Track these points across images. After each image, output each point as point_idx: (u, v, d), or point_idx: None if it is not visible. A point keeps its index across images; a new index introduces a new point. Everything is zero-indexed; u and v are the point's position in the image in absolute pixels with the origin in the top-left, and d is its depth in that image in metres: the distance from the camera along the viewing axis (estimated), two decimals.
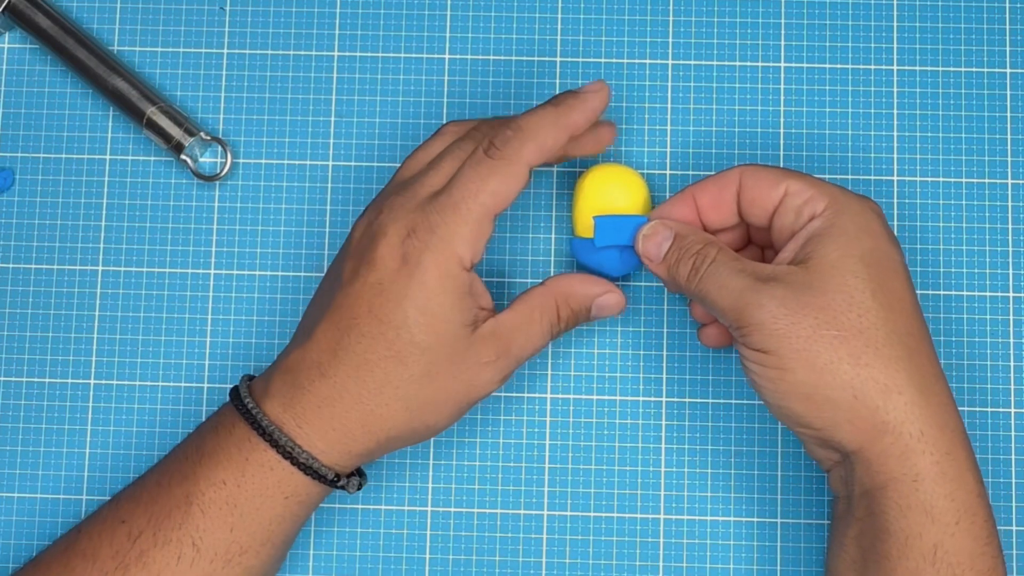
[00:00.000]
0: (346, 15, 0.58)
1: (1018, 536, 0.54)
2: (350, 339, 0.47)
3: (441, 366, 0.48)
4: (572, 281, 0.51)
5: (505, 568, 0.55)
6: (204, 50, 0.58)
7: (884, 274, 0.47)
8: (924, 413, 0.45)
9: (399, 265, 0.47)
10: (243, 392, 0.49)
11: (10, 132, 0.58)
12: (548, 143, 0.48)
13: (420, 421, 0.48)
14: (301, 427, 0.48)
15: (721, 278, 0.47)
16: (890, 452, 0.45)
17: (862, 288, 0.46)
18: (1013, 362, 0.55)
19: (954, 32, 0.57)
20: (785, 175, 0.49)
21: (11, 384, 0.56)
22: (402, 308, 0.47)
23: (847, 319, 0.45)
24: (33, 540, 0.55)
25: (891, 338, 0.46)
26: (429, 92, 0.58)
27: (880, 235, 0.47)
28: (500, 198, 0.47)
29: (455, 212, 0.47)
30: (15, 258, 0.57)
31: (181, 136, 0.56)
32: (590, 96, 0.49)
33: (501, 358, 0.49)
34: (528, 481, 0.55)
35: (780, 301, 0.46)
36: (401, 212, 0.48)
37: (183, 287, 0.57)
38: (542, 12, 0.58)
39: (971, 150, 0.57)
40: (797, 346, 0.45)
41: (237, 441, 0.48)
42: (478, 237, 0.47)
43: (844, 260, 0.46)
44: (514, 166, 0.48)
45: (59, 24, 0.56)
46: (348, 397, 0.47)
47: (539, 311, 0.50)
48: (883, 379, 0.45)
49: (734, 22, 0.58)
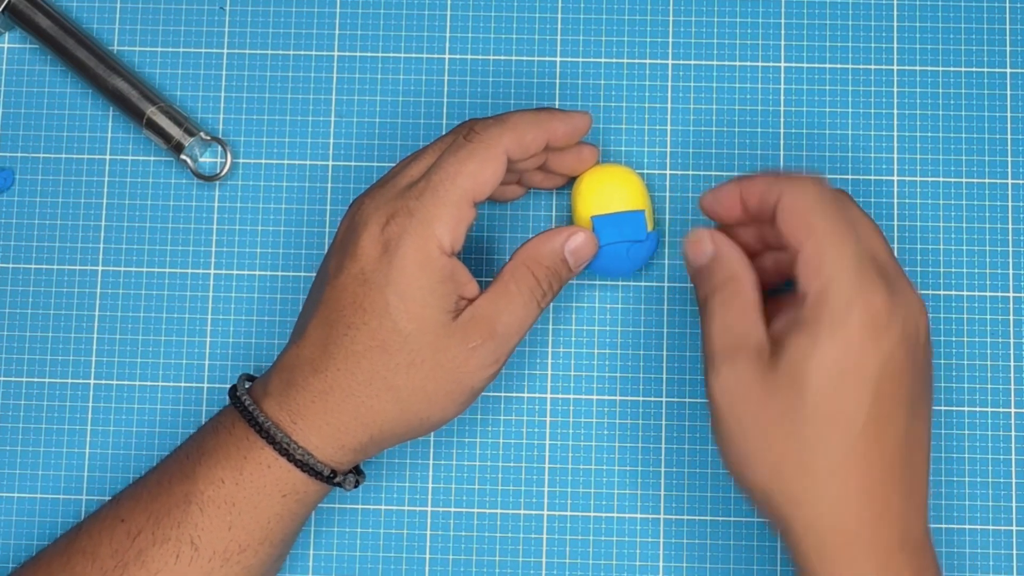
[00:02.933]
0: (346, 15, 0.58)
1: (1018, 536, 0.54)
2: (337, 332, 0.47)
3: (424, 354, 0.47)
4: (535, 242, 0.50)
5: (505, 568, 0.55)
6: (204, 50, 0.58)
7: (844, 393, 0.44)
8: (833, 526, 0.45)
9: (380, 253, 0.47)
10: (240, 390, 0.49)
11: (10, 132, 0.58)
12: (527, 137, 0.48)
13: (412, 413, 0.48)
14: (296, 423, 0.48)
15: (725, 318, 0.47)
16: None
17: (811, 402, 0.44)
18: (1013, 362, 0.55)
19: (954, 32, 0.57)
20: (812, 228, 0.45)
21: (11, 384, 0.56)
22: (383, 296, 0.47)
23: (789, 423, 0.45)
24: (33, 540, 0.55)
25: (829, 454, 0.45)
26: (429, 92, 0.58)
27: (864, 348, 0.44)
28: (479, 181, 0.47)
29: (433, 195, 0.47)
30: (15, 258, 0.57)
31: (181, 136, 0.56)
32: (575, 115, 0.50)
33: (488, 340, 0.48)
34: (528, 481, 0.55)
35: (740, 381, 0.46)
36: (381, 201, 0.48)
37: (183, 287, 0.57)
38: (542, 12, 0.58)
39: (971, 150, 0.57)
40: (744, 422, 0.46)
41: (236, 440, 0.48)
42: (458, 221, 0.47)
43: (801, 367, 0.45)
44: (492, 149, 0.48)
45: (59, 24, 0.56)
46: (339, 390, 0.47)
47: (514, 283, 0.49)
48: (804, 492, 0.45)
49: (734, 22, 0.58)
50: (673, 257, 0.56)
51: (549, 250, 0.50)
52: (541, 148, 0.49)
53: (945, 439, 0.55)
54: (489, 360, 0.48)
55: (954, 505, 0.54)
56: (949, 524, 0.54)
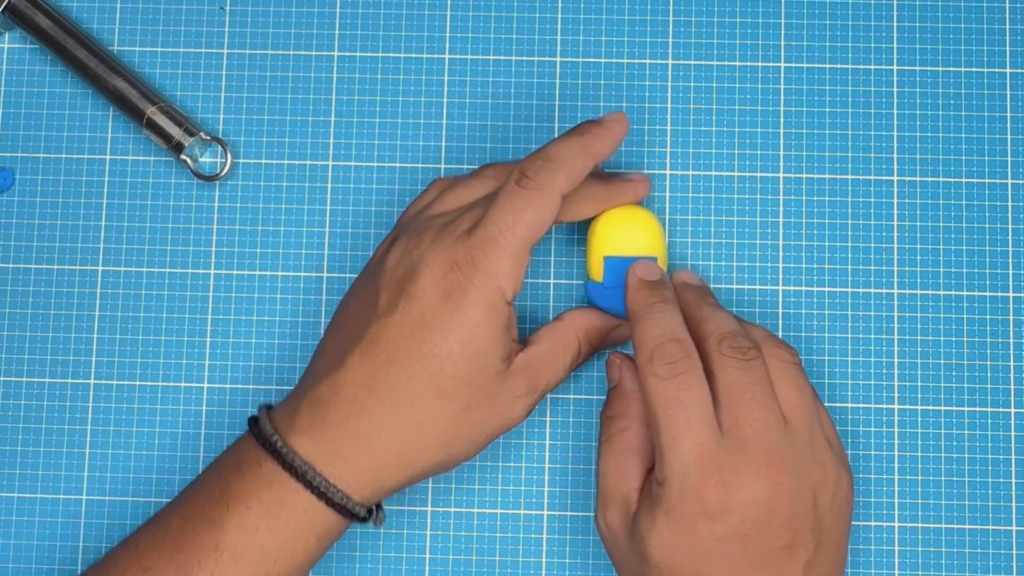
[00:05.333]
0: (346, 15, 0.58)
1: (1018, 536, 0.54)
2: (389, 372, 0.46)
3: (480, 400, 0.47)
4: (591, 317, 0.52)
5: (505, 568, 0.55)
6: (204, 50, 0.58)
7: (680, 567, 0.46)
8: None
9: (442, 299, 0.47)
10: (267, 428, 0.47)
11: (10, 132, 0.58)
12: (577, 170, 0.48)
13: (455, 455, 0.48)
14: (335, 464, 0.46)
15: (608, 463, 0.50)
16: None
17: (654, 570, 0.46)
18: (1013, 362, 0.55)
19: (954, 32, 0.57)
20: (655, 423, 0.47)
21: (11, 384, 0.56)
22: (447, 342, 0.46)
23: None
24: (33, 540, 0.55)
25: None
26: (429, 92, 0.58)
27: (697, 531, 0.46)
28: (536, 228, 0.47)
29: (495, 246, 0.47)
30: (15, 258, 0.57)
31: (181, 136, 0.56)
32: (612, 125, 0.50)
33: (531, 392, 0.49)
34: (528, 481, 0.55)
35: (612, 525, 0.49)
36: (442, 245, 0.47)
37: (183, 287, 0.57)
38: (542, 12, 0.58)
39: (971, 150, 0.57)
40: (617, 558, 0.49)
41: (266, 482, 0.46)
42: (518, 270, 0.47)
43: (644, 539, 0.47)
44: (547, 195, 0.48)
45: (59, 24, 0.56)
46: (386, 433, 0.47)
47: (563, 346, 0.50)
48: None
49: (734, 22, 0.58)
50: (673, 257, 0.56)
51: (600, 329, 0.52)
52: (588, 171, 0.49)
53: (945, 439, 0.55)
54: (527, 411, 0.50)
55: (954, 505, 0.54)
56: (949, 524, 0.54)
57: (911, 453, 0.55)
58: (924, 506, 0.55)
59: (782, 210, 0.56)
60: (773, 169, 0.57)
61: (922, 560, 0.54)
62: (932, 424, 0.55)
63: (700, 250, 0.56)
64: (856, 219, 0.56)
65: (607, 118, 0.50)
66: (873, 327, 0.56)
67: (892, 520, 0.55)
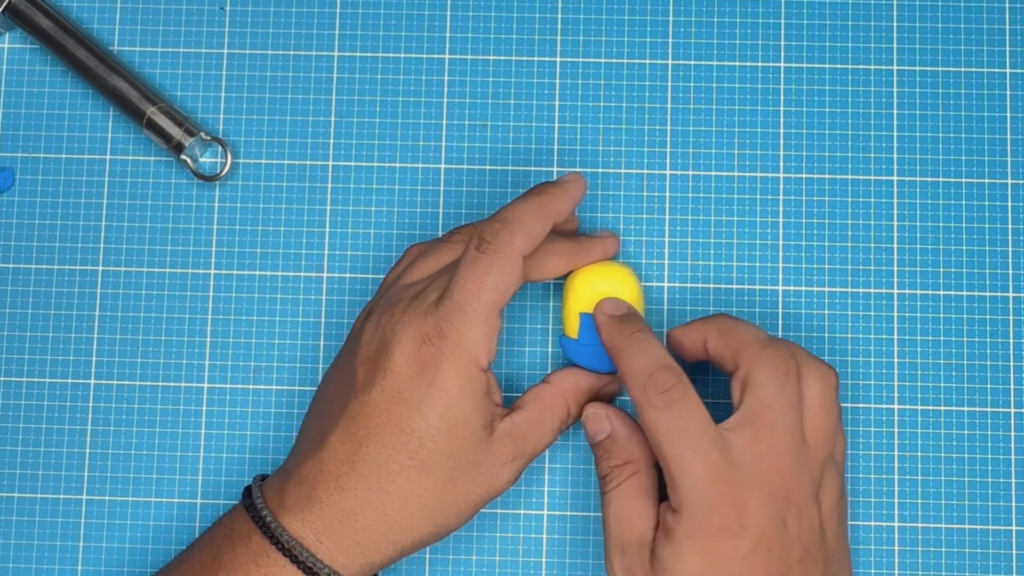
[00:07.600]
0: (346, 15, 0.58)
1: (1018, 536, 0.54)
2: (369, 449, 0.46)
3: (463, 471, 0.47)
4: (579, 378, 0.51)
5: (505, 568, 0.55)
6: (204, 50, 0.58)
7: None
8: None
9: (416, 373, 0.46)
10: (258, 503, 0.47)
11: (10, 132, 0.58)
12: (536, 231, 0.48)
13: (443, 526, 0.48)
14: (322, 542, 0.46)
15: (618, 508, 0.48)
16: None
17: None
18: (1013, 362, 0.55)
19: (954, 32, 0.57)
20: (660, 451, 0.47)
21: (11, 384, 0.56)
22: (424, 416, 0.46)
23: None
24: (33, 540, 0.55)
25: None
26: (429, 92, 0.58)
27: (721, 550, 0.46)
28: (501, 292, 0.47)
29: (462, 315, 0.47)
30: (15, 258, 0.57)
31: (181, 136, 0.56)
32: (569, 185, 0.50)
33: (518, 458, 0.49)
34: (527, 481, 0.55)
35: (629, 570, 0.47)
36: (413, 317, 0.47)
37: (183, 287, 0.57)
38: (542, 12, 0.58)
39: (971, 150, 0.57)
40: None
41: (255, 556, 0.46)
42: (490, 336, 0.47)
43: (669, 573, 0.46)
44: (507, 258, 0.47)
45: (59, 24, 0.56)
46: (371, 510, 0.46)
47: (550, 410, 0.50)
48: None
49: (734, 22, 0.58)
50: (673, 257, 0.56)
51: (587, 389, 0.51)
52: (547, 232, 0.49)
53: (945, 439, 0.55)
54: (515, 476, 0.49)
55: (954, 505, 0.54)
56: (949, 524, 0.54)
57: (911, 453, 0.55)
58: (924, 506, 0.55)
59: (782, 210, 0.56)
60: (773, 169, 0.57)
61: (922, 560, 0.54)
62: (932, 424, 0.55)
63: (700, 250, 0.56)
64: (856, 219, 0.56)
65: (564, 179, 0.51)
66: (873, 327, 0.56)
67: (892, 520, 0.55)
